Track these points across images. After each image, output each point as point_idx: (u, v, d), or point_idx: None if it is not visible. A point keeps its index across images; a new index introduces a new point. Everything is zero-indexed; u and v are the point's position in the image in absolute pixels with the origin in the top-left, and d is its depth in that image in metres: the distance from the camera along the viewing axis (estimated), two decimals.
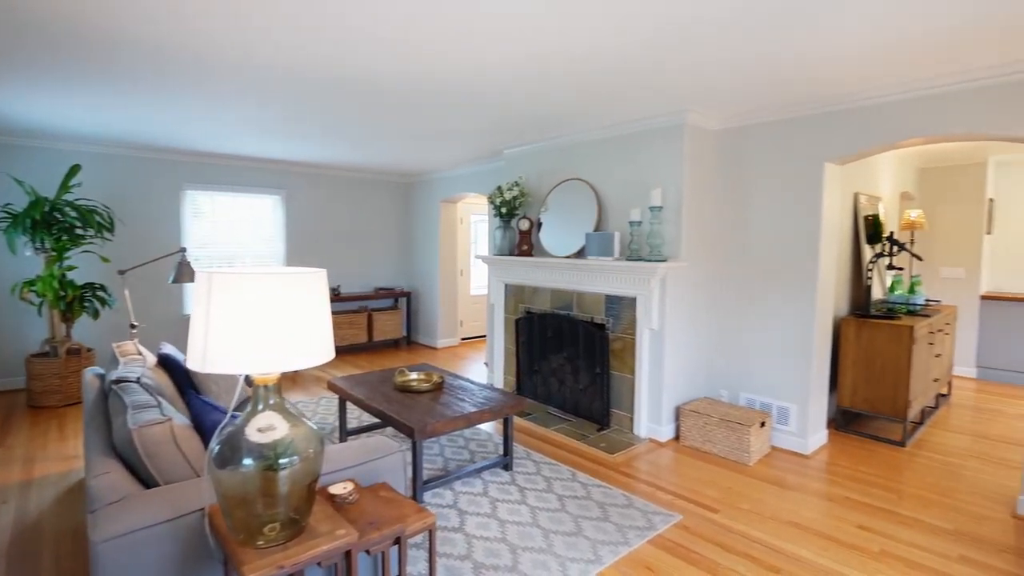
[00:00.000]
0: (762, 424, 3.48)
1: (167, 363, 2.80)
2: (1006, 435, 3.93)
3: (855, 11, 2.09)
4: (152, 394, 2.00)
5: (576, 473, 3.21)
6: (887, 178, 4.98)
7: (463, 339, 7.60)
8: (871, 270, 4.16)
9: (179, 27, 2.32)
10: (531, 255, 4.67)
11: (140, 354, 2.78)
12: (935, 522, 2.70)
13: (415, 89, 3.19)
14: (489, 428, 4.00)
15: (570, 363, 4.34)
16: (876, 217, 4.44)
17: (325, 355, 1.40)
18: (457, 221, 7.19)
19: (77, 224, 4.52)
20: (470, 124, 4.10)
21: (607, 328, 4.05)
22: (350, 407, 4.56)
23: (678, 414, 3.83)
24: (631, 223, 3.75)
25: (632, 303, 3.85)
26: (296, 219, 6.53)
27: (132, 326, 3.46)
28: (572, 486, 3.04)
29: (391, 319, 7.06)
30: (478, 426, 3.99)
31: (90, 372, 2.81)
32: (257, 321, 1.27)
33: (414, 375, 3.53)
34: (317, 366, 6.10)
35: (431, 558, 1.83)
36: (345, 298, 6.60)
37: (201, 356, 1.28)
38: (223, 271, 1.29)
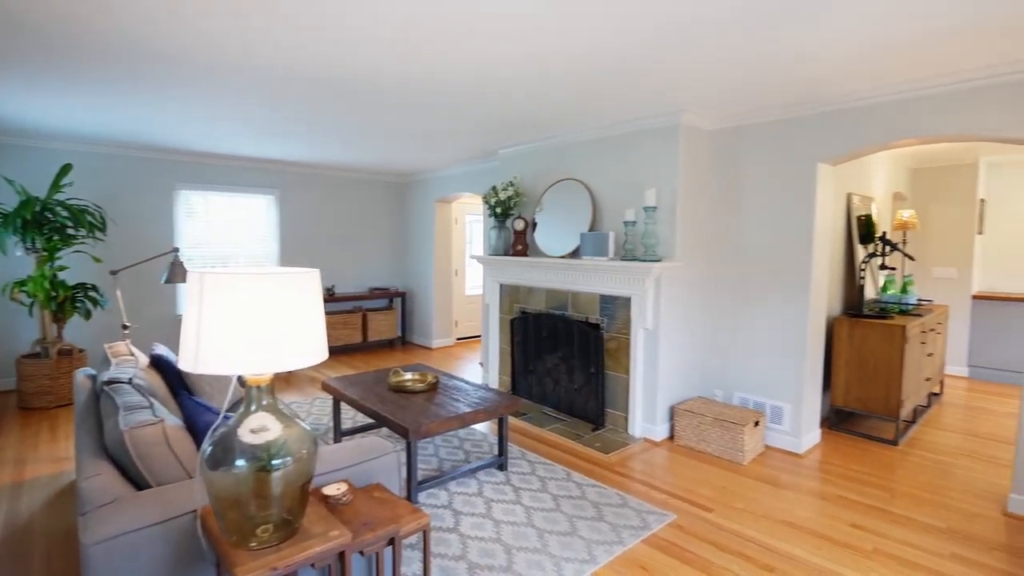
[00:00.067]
0: (756, 423, 3.50)
1: (160, 364, 2.78)
2: (996, 433, 3.96)
3: (854, 11, 2.10)
4: (144, 395, 1.98)
5: (571, 473, 3.21)
6: (880, 178, 5.01)
7: (458, 339, 7.60)
8: (864, 270, 4.19)
9: (179, 27, 2.32)
10: (526, 255, 4.67)
11: (132, 355, 2.76)
12: (927, 520, 2.71)
13: (415, 89, 3.19)
14: (484, 428, 3.99)
15: (565, 363, 4.34)
16: (869, 217, 4.47)
17: (318, 356, 1.39)
18: (452, 221, 7.18)
19: (68, 224, 4.48)
20: (469, 124, 4.10)
21: (602, 328, 4.05)
22: (345, 408, 4.55)
23: (672, 414, 3.84)
24: (626, 223, 3.76)
25: (627, 303, 3.86)
26: (290, 219, 6.51)
27: (124, 327, 3.44)
28: (567, 486, 3.04)
29: (386, 319, 7.04)
30: (473, 426, 3.99)
31: (82, 373, 2.78)
32: (249, 321, 1.27)
33: (409, 375, 3.52)
34: (311, 366, 6.08)
35: (425, 559, 1.82)
36: (340, 298, 6.58)
37: (193, 357, 1.27)
38: (215, 271, 1.28)
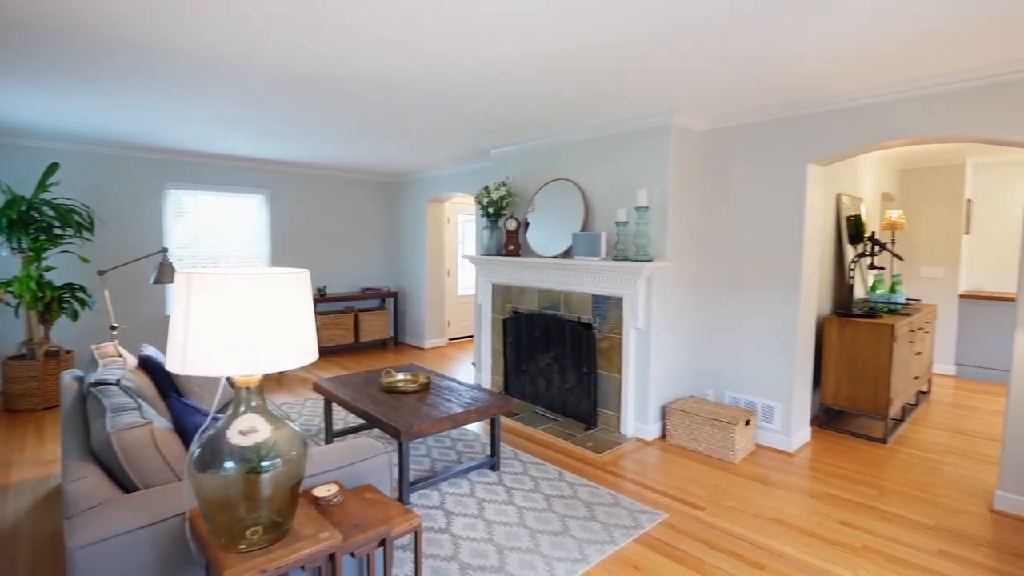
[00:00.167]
0: (747, 422, 3.52)
1: (148, 365, 2.76)
2: (983, 431, 4.01)
3: (845, 13, 2.12)
4: (132, 397, 1.96)
5: (563, 473, 3.21)
6: (869, 179, 5.06)
7: (450, 339, 7.58)
8: (853, 270, 4.22)
9: (179, 28, 2.30)
10: (518, 255, 4.67)
11: (120, 356, 2.73)
12: (915, 517, 2.74)
13: (415, 89, 3.18)
14: (476, 428, 3.99)
15: (557, 363, 4.35)
16: (858, 217, 4.51)
17: (307, 356, 1.38)
18: (444, 221, 7.17)
19: (55, 224, 4.43)
20: (468, 124, 4.09)
21: (594, 328, 4.06)
22: (336, 408, 4.52)
23: (664, 413, 3.86)
24: (618, 223, 3.77)
25: (619, 303, 3.87)
26: (281, 219, 6.46)
27: (112, 328, 3.40)
28: (559, 486, 3.04)
29: (378, 319, 7.02)
30: (465, 426, 3.98)
31: (69, 375, 2.75)
32: (238, 322, 1.26)
33: (400, 376, 3.51)
34: (302, 367, 6.05)
35: (417, 560, 1.82)
36: (331, 298, 6.54)
37: (180, 358, 1.26)
38: (203, 271, 1.27)
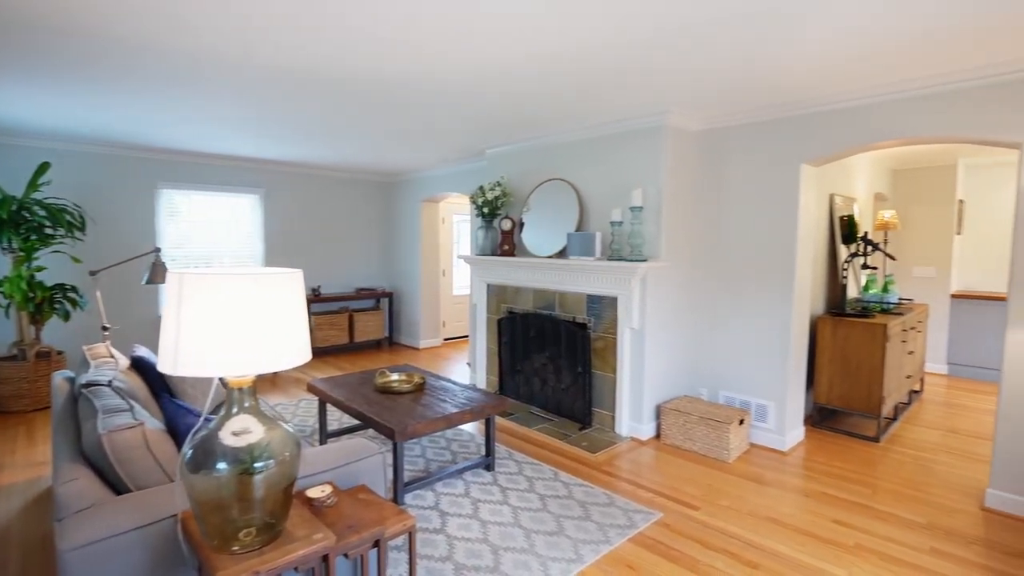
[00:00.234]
0: (741, 422, 3.53)
1: (140, 366, 2.74)
2: (975, 430, 4.04)
3: (840, 14, 2.12)
4: (124, 398, 1.95)
5: (558, 472, 3.22)
6: (862, 179, 5.09)
7: (445, 339, 7.57)
8: (846, 269, 4.25)
9: (179, 28, 2.28)
10: (513, 255, 4.66)
11: (112, 357, 2.71)
12: (908, 516, 2.76)
13: (415, 89, 3.18)
14: (471, 428, 3.98)
15: (552, 363, 4.35)
16: (851, 217, 4.53)
17: (301, 357, 1.38)
18: (439, 221, 7.16)
19: (47, 223, 4.39)
20: (467, 124, 4.09)
21: (589, 328, 4.06)
22: (331, 409, 4.51)
23: (659, 412, 3.86)
24: (612, 223, 3.77)
25: (613, 303, 3.87)
26: (275, 219, 6.43)
27: (104, 328, 3.38)
28: (554, 485, 3.04)
29: (373, 320, 7.00)
30: (460, 427, 3.98)
31: (60, 376, 2.73)
32: (230, 323, 1.25)
33: (395, 376, 3.50)
34: (296, 367, 6.02)
35: (411, 560, 1.81)
36: (326, 299, 6.52)
37: (172, 359, 1.25)
38: (194, 271, 1.26)
